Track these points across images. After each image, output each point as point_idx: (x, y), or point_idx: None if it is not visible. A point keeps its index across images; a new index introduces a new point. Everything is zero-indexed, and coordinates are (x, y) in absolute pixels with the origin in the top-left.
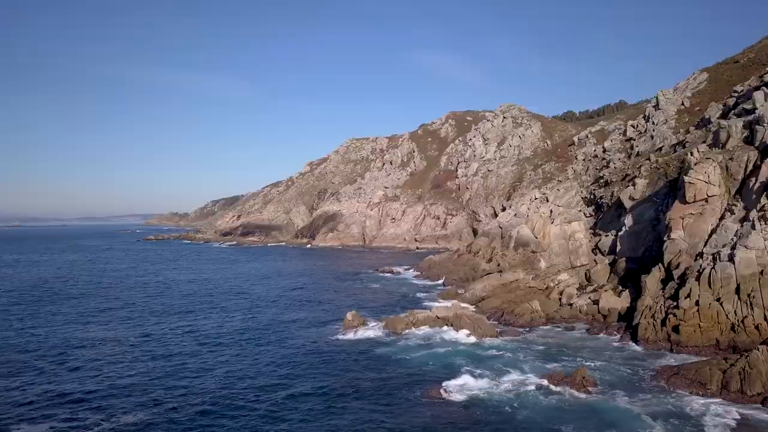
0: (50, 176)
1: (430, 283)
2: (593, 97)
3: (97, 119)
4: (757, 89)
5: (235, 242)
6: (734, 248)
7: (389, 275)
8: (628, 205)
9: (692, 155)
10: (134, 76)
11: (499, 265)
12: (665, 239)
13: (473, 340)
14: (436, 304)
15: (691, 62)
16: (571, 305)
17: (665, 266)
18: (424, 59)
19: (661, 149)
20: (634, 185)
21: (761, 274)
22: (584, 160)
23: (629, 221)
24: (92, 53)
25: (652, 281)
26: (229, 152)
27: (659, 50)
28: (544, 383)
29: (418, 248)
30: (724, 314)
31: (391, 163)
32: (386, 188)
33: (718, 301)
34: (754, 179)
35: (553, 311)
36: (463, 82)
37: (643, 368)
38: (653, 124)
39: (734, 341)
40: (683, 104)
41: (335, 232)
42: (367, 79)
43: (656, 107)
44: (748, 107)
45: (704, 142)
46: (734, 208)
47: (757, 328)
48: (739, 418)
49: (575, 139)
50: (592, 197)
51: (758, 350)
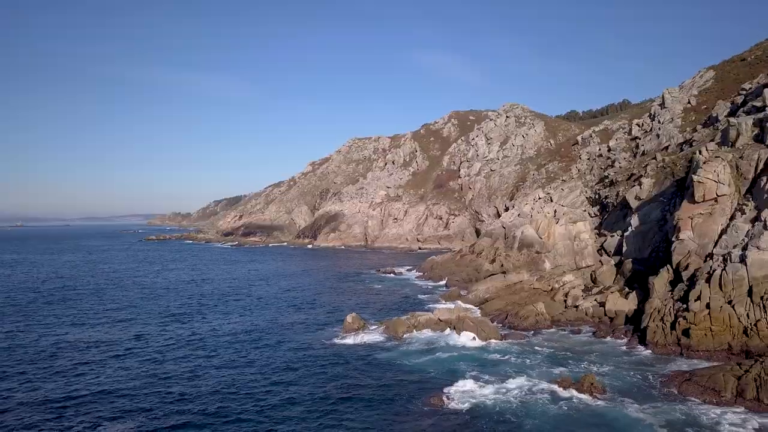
0: (52, 176)
1: (432, 284)
2: (594, 97)
3: (97, 119)
4: (767, 86)
5: (236, 242)
6: (746, 249)
7: (391, 276)
8: (634, 205)
9: (701, 154)
10: (134, 76)
11: (502, 266)
12: (673, 240)
13: (477, 343)
14: (438, 306)
15: (691, 62)
16: (576, 307)
17: (673, 267)
18: (425, 59)
19: (667, 148)
20: (640, 185)
21: None
22: (588, 159)
23: (635, 221)
24: (92, 53)
25: (660, 283)
26: (231, 152)
27: (661, 50)
28: (551, 390)
29: (420, 248)
30: (736, 317)
31: (393, 162)
32: (388, 188)
33: (729, 303)
34: (765, 178)
35: (558, 313)
36: (464, 82)
37: (653, 374)
38: (659, 122)
39: (747, 346)
40: (690, 102)
41: (337, 232)
42: (368, 79)
43: (662, 106)
44: (758, 104)
45: (712, 140)
46: (745, 207)
47: None
48: (758, 427)
49: (579, 138)
50: (596, 197)
51: None
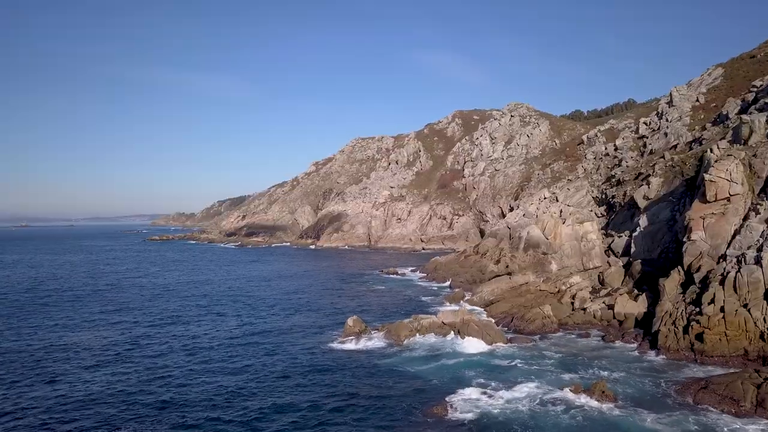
0: (56, 176)
1: (435, 285)
2: (596, 97)
3: (99, 119)
4: None
5: (239, 243)
6: (761, 250)
7: (394, 276)
8: (642, 204)
9: (712, 152)
10: (134, 76)
11: (507, 266)
12: (684, 240)
13: (482, 348)
14: (442, 308)
15: (691, 62)
16: (584, 310)
17: (685, 269)
18: (428, 59)
19: (675, 147)
20: (648, 184)
21: None
22: (595, 158)
23: (644, 221)
24: (92, 53)
25: (671, 285)
26: (235, 152)
27: (662, 50)
28: (562, 398)
29: (423, 249)
30: (752, 321)
31: (396, 162)
32: (392, 188)
33: (745, 307)
34: None
35: (565, 316)
36: (468, 82)
37: (666, 380)
38: (667, 121)
39: (764, 351)
40: (698, 100)
41: (340, 232)
42: (372, 79)
43: (670, 104)
44: None
45: (723, 138)
46: (759, 207)
47: None
48: None
49: (584, 138)
50: (603, 197)
51: None
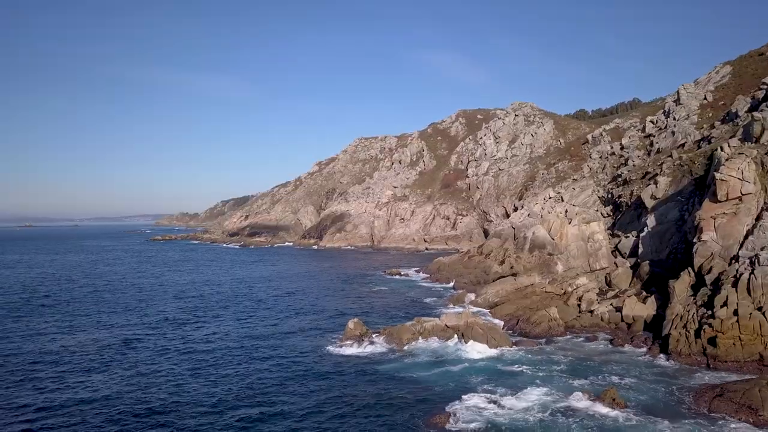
0: (58, 177)
1: (439, 286)
2: (600, 97)
3: (99, 119)
4: None
5: (241, 243)
6: None
7: (397, 277)
8: (649, 204)
9: (722, 150)
10: (134, 76)
11: (512, 267)
12: (695, 241)
13: (486, 353)
14: (445, 310)
15: (692, 62)
16: (591, 312)
17: (695, 270)
18: (431, 59)
19: (683, 145)
20: (656, 183)
21: None
22: (600, 157)
23: (652, 221)
24: (92, 53)
25: (681, 287)
26: (238, 152)
27: (664, 50)
28: (571, 406)
29: (427, 249)
30: (767, 325)
31: (400, 162)
32: (395, 188)
33: (759, 310)
34: None
35: (572, 319)
36: (470, 82)
37: (678, 387)
38: (674, 119)
39: None
40: (706, 98)
41: (343, 232)
42: (375, 79)
43: (677, 102)
44: None
45: (733, 136)
46: None
47: None
48: None
49: (589, 137)
50: (609, 196)
51: None
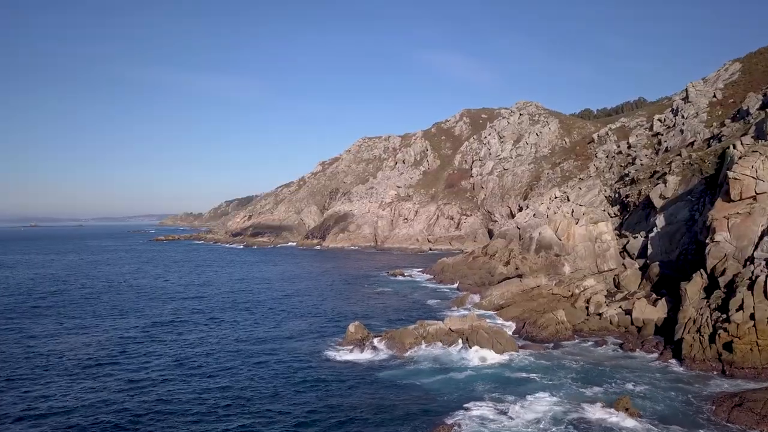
0: (63, 177)
1: (443, 287)
2: (603, 97)
3: (101, 119)
4: None
5: (244, 243)
6: None
7: (400, 278)
8: (658, 204)
9: (735, 148)
10: (134, 76)
11: (517, 268)
12: (708, 242)
13: (492, 358)
14: (449, 313)
15: (691, 62)
16: (600, 315)
17: (708, 272)
18: (435, 59)
19: (693, 144)
20: (664, 183)
21: None
22: (607, 157)
23: (661, 222)
24: (92, 53)
25: (693, 289)
26: (242, 152)
27: (667, 50)
28: (584, 417)
29: (431, 249)
30: None
31: (403, 162)
32: (399, 188)
33: None
34: None
35: (580, 322)
36: (474, 81)
37: (694, 395)
38: (683, 117)
39: None
40: (715, 96)
41: (346, 232)
42: (378, 79)
43: (685, 100)
44: None
45: (745, 134)
46: None
47: None
48: None
49: (595, 136)
50: (616, 196)
51: None
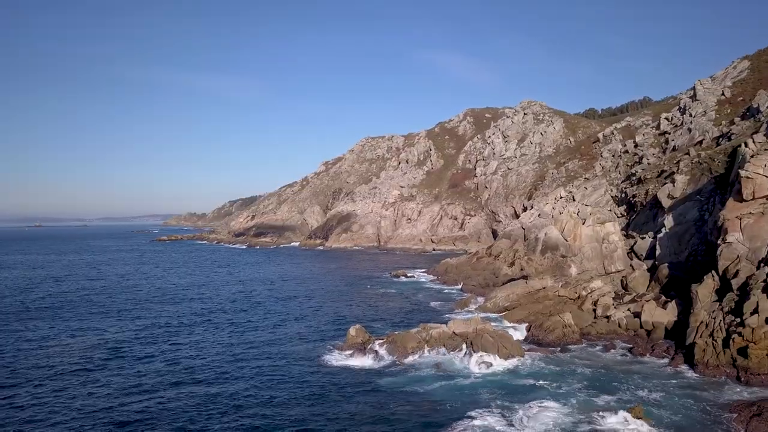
0: (62, 177)
1: (446, 288)
2: (607, 97)
3: (101, 119)
4: None
5: (247, 243)
6: None
7: (403, 279)
8: (666, 204)
9: (747, 146)
10: (134, 76)
11: (522, 269)
12: (719, 243)
13: (498, 364)
14: (453, 315)
15: (692, 62)
16: (607, 318)
17: (720, 274)
18: (438, 59)
19: (701, 143)
20: (673, 182)
21: None
22: (613, 156)
23: (669, 222)
24: (92, 53)
25: (704, 292)
26: (246, 152)
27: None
28: (596, 428)
29: (434, 250)
30: None
31: (407, 161)
32: (402, 188)
33: None
34: None
35: (587, 325)
36: (478, 81)
37: (710, 403)
38: (690, 116)
39: None
40: (723, 94)
41: (349, 232)
42: (381, 79)
43: (693, 98)
44: None
45: (756, 132)
46: None
47: None
48: None
49: (600, 135)
50: (623, 196)
51: None
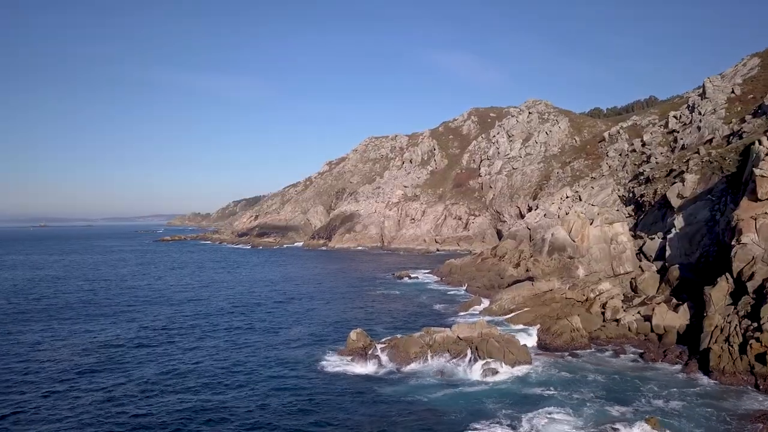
0: (61, 177)
1: (451, 290)
2: (612, 97)
3: (101, 119)
4: None
5: (250, 243)
6: None
7: (406, 280)
8: (676, 204)
9: (761, 144)
10: (134, 76)
11: (528, 270)
12: (733, 244)
13: (505, 371)
14: (457, 319)
15: (697, 62)
16: (617, 321)
17: (734, 276)
18: (441, 59)
19: (711, 141)
20: (682, 181)
21: None
22: (620, 155)
23: (680, 222)
24: (92, 53)
25: (718, 294)
26: (249, 152)
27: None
28: None
29: (438, 250)
30: None
31: (411, 161)
32: (406, 187)
33: None
34: None
35: (596, 329)
36: (482, 81)
37: (729, 413)
38: (700, 114)
39: None
40: (733, 92)
41: (352, 233)
42: (384, 78)
43: (702, 96)
44: None
45: None
46: None
47: None
48: None
49: (606, 134)
50: (630, 195)
51: None
